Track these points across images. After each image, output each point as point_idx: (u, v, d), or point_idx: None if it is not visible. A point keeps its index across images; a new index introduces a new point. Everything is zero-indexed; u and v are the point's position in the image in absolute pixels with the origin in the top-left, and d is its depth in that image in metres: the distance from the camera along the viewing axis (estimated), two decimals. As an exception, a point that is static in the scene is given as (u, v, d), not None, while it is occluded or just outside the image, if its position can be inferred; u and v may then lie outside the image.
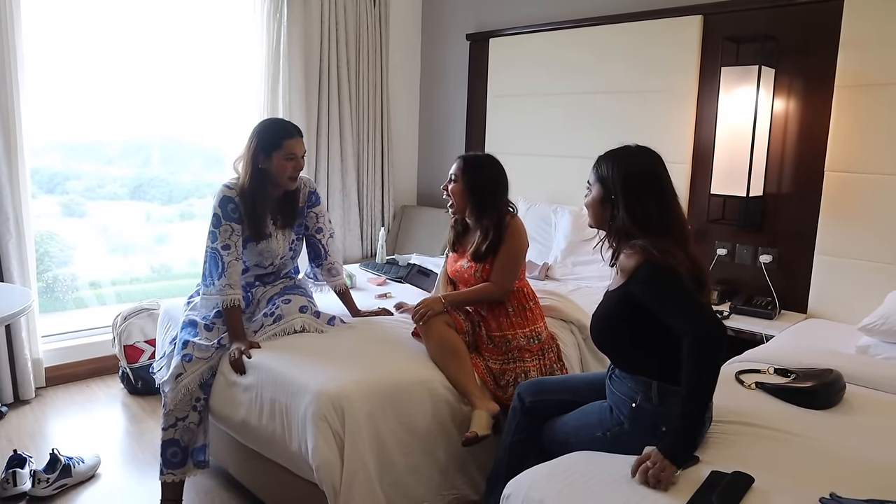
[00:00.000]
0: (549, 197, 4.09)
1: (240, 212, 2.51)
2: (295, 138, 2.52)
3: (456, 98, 4.78)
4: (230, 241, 2.49)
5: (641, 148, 1.92)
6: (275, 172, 2.51)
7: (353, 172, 4.56)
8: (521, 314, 2.55)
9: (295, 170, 2.53)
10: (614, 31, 3.76)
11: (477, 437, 2.18)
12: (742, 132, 3.12)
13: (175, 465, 2.41)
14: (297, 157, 2.52)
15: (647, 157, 1.90)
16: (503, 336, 2.50)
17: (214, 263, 2.48)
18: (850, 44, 2.93)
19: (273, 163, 2.49)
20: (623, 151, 1.91)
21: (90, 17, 3.75)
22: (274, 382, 2.27)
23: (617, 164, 1.87)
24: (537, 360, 2.50)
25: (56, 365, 3.67)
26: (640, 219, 1.81)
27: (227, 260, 2.48)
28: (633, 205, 1.83)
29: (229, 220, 2.49)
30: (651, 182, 1.85)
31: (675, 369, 1.76)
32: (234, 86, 4.19)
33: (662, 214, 1.82)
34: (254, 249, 2.60)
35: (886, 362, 2.43)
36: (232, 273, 2.49)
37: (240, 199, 2.51)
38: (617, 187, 1.85)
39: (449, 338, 2.42)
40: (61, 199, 4.22)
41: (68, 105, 3.87)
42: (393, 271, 3.70)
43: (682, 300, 1.71)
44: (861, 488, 1.53)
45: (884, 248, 2.90)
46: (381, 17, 4.62)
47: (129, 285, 4.38)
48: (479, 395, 2.32)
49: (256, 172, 2.50)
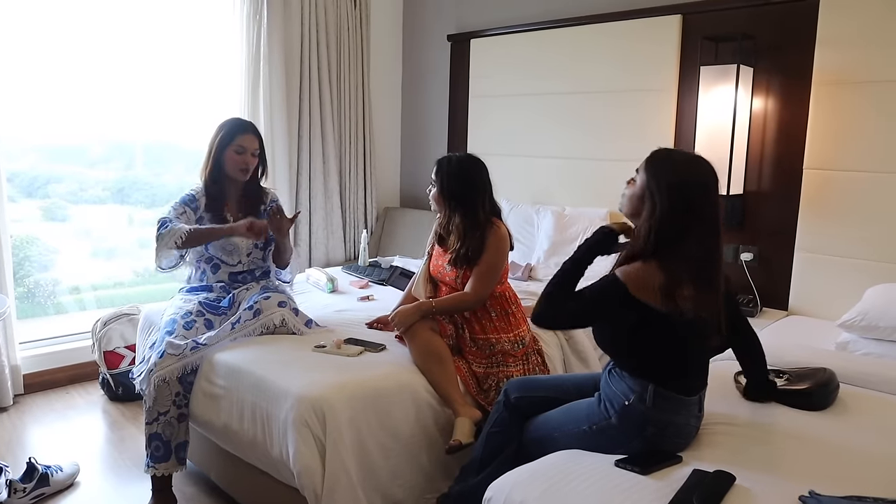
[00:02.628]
0: (532, 197, 4.09)
1: (197, 205, 2.70)
2: (246, 134, 2.72)
3: (438, 99, 4.77)
4: (181, 218, 2.66)
5: (701, 157, 1.83)
6: (226, 163, 2.70)
7: (335, 175, 4.54)
8: (504, 318, 2.54)
9: (244, 163, 2.71)
10: (594, 31, 3.77)
11: (461, 444, 2.17)
12: (722, 131, 3.13)
13: (158, 458, 2.43)
14: (246, 150, 2.71)
15: (704, 167, 1.80)
16: (487, 339, 2.49)
17: (163, 225, 2.56)
18: (826, 42, 2.95)
19: (226, 154, 2.70)
20: (684, 156, 1.83)
21: (69, 19, 3.71)
22: (254, 387, 2.26)
23: (673, 168, 1.78)
24: (521, 365, 2.50)
25: (35, 371, 3.62)
26: (666, 230, 1.73)
27: (174, 223, 2.58)
28: (668, 215, 1.73)
29: (185, 205, 2.68)
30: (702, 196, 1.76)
31: (673, 374, 1.79)
32: (216, 88, 4.16)
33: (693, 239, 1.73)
34: (216, 243, 2.71)
35: (865, 358, 2.45)
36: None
37: (201, 196, 2.71)
38: (665, 192, 1.74)
39: (433, 343, 2.40)
40: (42, 203, 4.17)
41: (48, 108, 3.82)
42: (375, 274, 3.69)
43: (587, 294, 1.82)
44: (841, 485, 1.54)
45: (862, 245, 2.93)
46: (361, 19, 4.60)
47: (113, 290, 4.33)
48: (462, 401, 2.31)
49: (213, 162, 2.71)
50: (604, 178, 3.69)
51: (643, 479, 1.60)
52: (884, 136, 2.85)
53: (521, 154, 4.16)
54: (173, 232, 2.51)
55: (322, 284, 3.44)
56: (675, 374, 1.79)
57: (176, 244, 2.52)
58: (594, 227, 3.55)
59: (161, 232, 2.54)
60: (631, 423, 1.80)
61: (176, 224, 2.55)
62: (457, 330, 2.52)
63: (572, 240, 3.63)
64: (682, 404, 1.79)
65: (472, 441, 2.19)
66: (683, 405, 1.79)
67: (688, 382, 1.82)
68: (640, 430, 1.78)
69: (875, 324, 2.47)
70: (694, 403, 1.82)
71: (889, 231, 2.86)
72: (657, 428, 1.77)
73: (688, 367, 1.83)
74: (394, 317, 2.48)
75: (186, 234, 2.51)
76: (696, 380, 1.85)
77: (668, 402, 1.77)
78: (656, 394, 1.77)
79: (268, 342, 2.51)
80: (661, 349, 1.78)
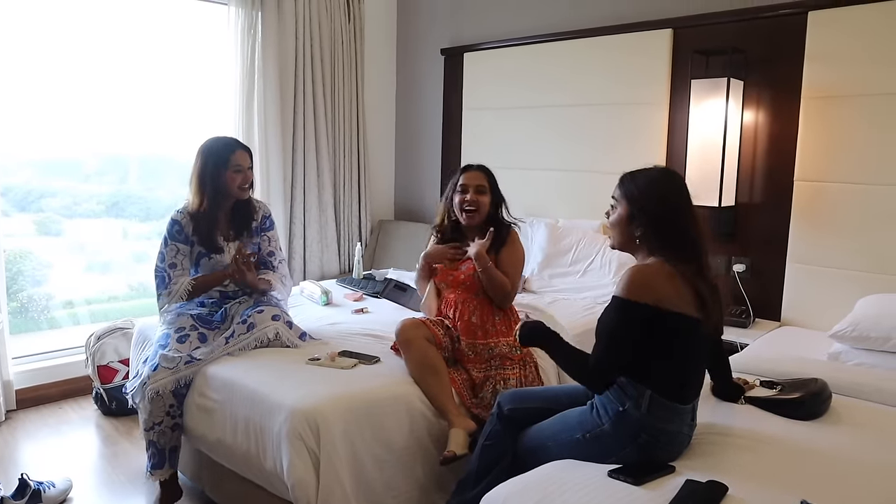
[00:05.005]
0: (525, 210, 4.10)
1: (185, 233, 2.69)
2: (238, 151, 2.71)
3: (432, 112, 4.80)
4: (176, 259, 2.68)
5: (667, 169, 1.98)
6: (227, 186, 2.68)
7: (329, 188, 4.55)
8: (505, 323, 2.61)
9: (244, 181, 2.71)
10: (587, 45, 3.81)
11: (455, 455, 2.17)
12: (713, 143, 3.16)
13: (155, 465, 2.50)
14: (243, 168, 2.70)
15: (674, 178, 1.92)
16: (486, 344, 2.53)
17: (162, 281, 2.67)
18: (814, 56, 2.99)
19: (226, 177, 2.66)
20: (651, 172, 1.91)
21: (64, 33, 3.73)
22: (248, 400, 2.25)
23: (647, 184, 1.88)
24: (518, 369, 2.52)
25: (27, 387, 3.59)
26: (665, 235, 1.83)
27: (173, 277, 2.66)
28: (661, 222, 1.84)
29: (175, 240, 2.68)
30: (680, 201, 1.88)
31: (671, 383, 1.79)
32: (211, 102, 4.17)
33: (685, 231, 1.84)
34: (206, 265, 2.73)
35: (857, 368, 2.47)
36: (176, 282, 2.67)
37: (187, 221, 2.69)
38: (647, 206, 1.85)
39: (429, 355, 2.42)
40: (36, 217, 4.17)
41: (42, 122, 3.83)
42: (370, 286, 3.69)
43: (607, 327, 1.81)
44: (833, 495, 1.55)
45: (853, 256, 2.95)
46: (356, 33, 4.63)
47: (107, 304, 4.32)
48: (456, 412, 2.31)
49: (210, 189, 2.66)
50: (596, 191, 3.71)
51: (636, 490, 1.60)
52: (873, 149, 2.88)
53: (514, 167, 4.18)
54: (174, 293, 2.64)
55: (316, 297, 3.44)
56: (676, 381, 1.80)
57: (182, 298, 2.65)
58: (587, 239, 3.60)
59: (162, 293, 2.66)
60: (624, 429, 1.80)
61: (174, 283, 2.65)
62: (452, 343, 2.54)
63: (565, 251, 3.64)
64: (677, 412, 1.80)
65: (466, 452, 2.19)
66: (677, 413, 1.80)
67: (685, 390, 1.83)
68: (634, 437, 1.79)
69: (866, 334, 2.48)
70: (687, 412, 1.83)
71: (880, 242, 2.88)
72: (650, 435, 1.77)
73: (688, 374, 1.84)
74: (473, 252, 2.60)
75: (189, 292, 2.65)
76: (693, 388, 1.86)
77: (663, 410, 1.78)
78: (653, 401, 1.78)
79: (261, 355, 2.52)
80: (666, 355, 1.79)
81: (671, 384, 1.80)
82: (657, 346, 1.78)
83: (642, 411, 1.78)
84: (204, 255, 2.71)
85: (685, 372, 1.83)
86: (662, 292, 1.75)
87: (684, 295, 1.77)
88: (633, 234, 1.87)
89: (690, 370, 1.85)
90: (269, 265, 2.85)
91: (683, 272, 1.78)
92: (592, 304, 3.36)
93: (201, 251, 2.71)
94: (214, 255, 2.71)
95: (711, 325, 1.84)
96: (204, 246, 2.70)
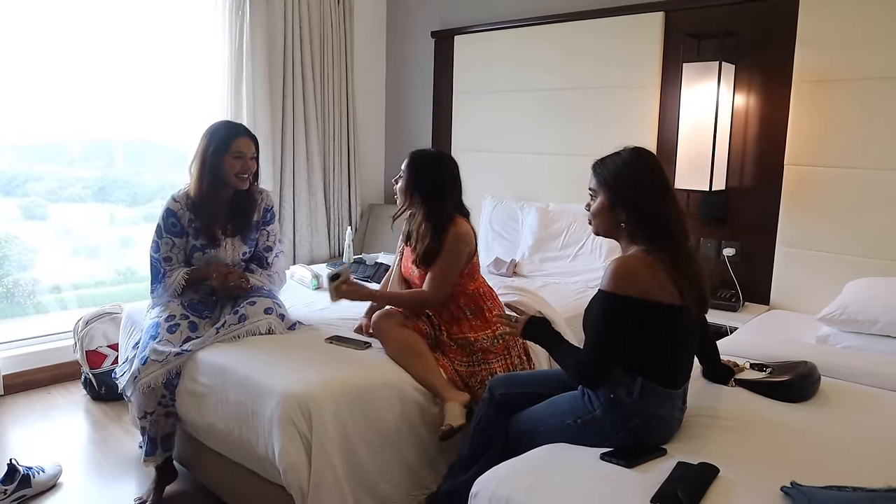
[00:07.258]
0: (516, 193, 4.10)
1: (181, 225, 2.60)
2: (242, 138, 2.59)
3: (422, 95, 4.77)
4: (171, 253, 2.61)
5: (637, 149, 1.89)
6: (225, 171, 2.57)
7: (319, 171, 4.52)
8: (479, 316, 2.54)
9: (243, 169, 2.59)
10: (578, 27, 3.78)
11: (452, 428, 2.17)
12: (704, 127, 3.16)
13: (149, 451, 2.50)
14: (244, 155, 2.58)
15: (645, 159, 1.88)
16: (465, 338, 2.49)
17: (157, 274, 2.62)
18: (806, 40, 2.98)
19: (224, 163, 2.56)
20: (621, 155, 1.89)
21: (48, 16, 3.66)
22: (239, 385, 2.25)
23: (620, 169, 1.85)
24: (503, 360, 2.50)
25: (15, 372, 3.57)
26: (646, 222, 1.81)
27: (168, 271, 2.61)
28: (641, 207, 1.81)
29: (169, 234, 2.60)
30: (655, 183, 1.84)
31: (662, 370, 1.80)
32: (198, 85, 4.12)
33: (665, 216, 1.81)
34: (200, 259, 2.65)
35: (845, 351, 2.49)
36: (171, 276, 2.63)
37: (185, 211, 2.59)
38: (625, 191, 1.83)
39: (405, 337, 2.40)
40: (21, 202, 4.11)
41: (26, 105, 3.76)
42: (360, 271, 3.68)
43: (595, 323, 1.79)
44: (822, 476, 1.56)
45: (842, 240, 2.97)
46: (345, 15, 4.58)
47: (94, 289, 4.28)
48: (446, 387, 2.31)
49: (209, 173, 2.57)
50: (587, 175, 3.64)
51: (628, 472, 1.61)
52: (862, 133, 2.89)
53: (505, 150, 4.17)
54: (168, 287, 2.60)
55: (307, 281, 3.43)
56: (666, 368, 1.81)
57: (176, 293, 2.61)
58: (578, 223, 3.59)
59: (156, 286, 2.62)
60: (616, 416, 1.81)
61: (168, 277, 2.60)
62: (434, 331, 2.51)
63: (556, 235, 3.64)
64: (667, 397, 1.80)
65: (463, 423, 2.18)
66: (669, 398, 1.81)
67: (676, 376, 1.84)
68: (626, 422, 1.79)
69: (854, 317, 2.50)
70: (678, 396, 1.84)
71: (868, 226, 2.90)
72: (642, 420, 1.78)
73: (678, 361, 1.85)
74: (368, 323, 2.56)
75: (184, 285, 2.60)
76: (683, 373, 1.87)
77: (654, 396, 1.79)
78: (644, 387, 1.79)
79: (252, 341, 2.50)
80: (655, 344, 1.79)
81: (661, 371, 1.81)
82: (646, 336, 1.78)
83: (634, 398, 1.79)
84: (198, 250, 2.62)
85: (675, 359, 1.84)
86: (646, 283, 1.75)
87: (666, 284, 1.76)
88: (618, 219, 1.86)
89: (680, 356, 1.86)
90: (263, 261, 2.79)
91: (664, 260, 1.77)
92: (583, 287, 3.36)
93: (195, 245, 2.62)
94: (209, 250, 2.63)
95: (695, 311, 1.84)
96: (200, 238, 2.61)
